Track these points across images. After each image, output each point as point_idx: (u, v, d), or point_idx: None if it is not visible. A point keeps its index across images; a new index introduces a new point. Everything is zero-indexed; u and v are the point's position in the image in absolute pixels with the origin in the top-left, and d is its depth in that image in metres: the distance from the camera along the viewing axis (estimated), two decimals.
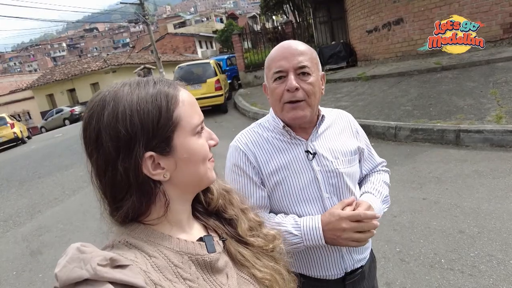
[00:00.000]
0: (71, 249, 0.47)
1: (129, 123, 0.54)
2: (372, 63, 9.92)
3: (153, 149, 0.57)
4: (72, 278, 0.43)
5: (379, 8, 9.21)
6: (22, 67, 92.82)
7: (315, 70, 1.06)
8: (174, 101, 0.60)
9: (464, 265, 2.33)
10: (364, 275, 1.18)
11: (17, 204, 5.80)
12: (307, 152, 1.09)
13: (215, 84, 9.99)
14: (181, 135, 0.60)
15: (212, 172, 0.67)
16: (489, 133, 4.18)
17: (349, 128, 1.22)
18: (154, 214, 0.61)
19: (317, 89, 1.06)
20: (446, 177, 3.62)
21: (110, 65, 24.16)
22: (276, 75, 1.05)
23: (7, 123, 14.17)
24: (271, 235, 0.77)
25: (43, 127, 22.58)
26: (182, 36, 37.45)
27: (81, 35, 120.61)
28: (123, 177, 0.55)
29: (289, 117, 1.06)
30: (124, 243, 0.56)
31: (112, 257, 0.47)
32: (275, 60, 1.06)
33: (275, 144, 1.11)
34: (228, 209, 0.73)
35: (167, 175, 0.59)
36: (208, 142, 0.67)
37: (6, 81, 33.72)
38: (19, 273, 3.49)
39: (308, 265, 1.13)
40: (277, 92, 1.06)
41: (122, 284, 0.45)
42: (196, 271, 0.60)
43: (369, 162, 1.27)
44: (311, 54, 1.06)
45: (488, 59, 6.48)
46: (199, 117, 0.64)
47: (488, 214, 2.84)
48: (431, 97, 5.80)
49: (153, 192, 0.59)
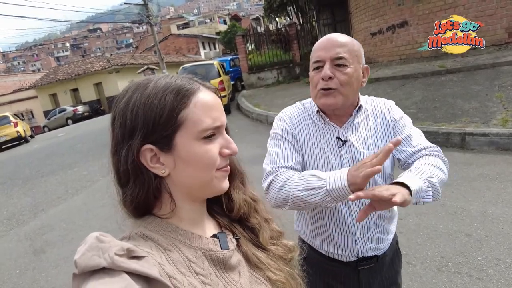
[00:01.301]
0: (90, 238, 0.48)
1: (134, 114, 0.58)
2: (376, 66, 9.90)
3: (153, 143, 0.58)
4: (90, 265, 0.44)
5: (383, 10, 9.20)
6: (25, 67, 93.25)
7: (353, 62, 1.08)
8: (184, 100, 0.59)
9: (471, 268, 2.31)
10: (382, 266, 1.20)
11: (21, 202, 5.81)
12: (338, 138, 1.14)
13: (219, 85, 9.99)
14: (184, 136, 0.59)
15: (221, 182, 0.64)
16: (495, 137, 4.15)
17: (387, 118, 1.17)
18: (165, 208, 0.62)
19: (353, 80, 1.08)
20: (452, 180, 3.59)
21: (114, 65, 24.23)
22: (314, 65, 1.12)
23: (10, 122, 14.23)
24: (290, 245, 0.77)
25: (46, 126, 22.64)
26: (185, 37, 37.53)
27: (85, 35, 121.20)
28: (122, 162, 0.58)
29: (321, 103, 1.12)
30: (140, 235, 0.58)
31: (129, 247, 0.48)
32: (316, 51, 1.12)
33: (311, 124, 1.19)
34: (251, 217, 0.73)
35: (166, 171, 0.59)
36: (223, 151, 0.63)
37: (10, 80, 33.87)
38: (22, 271, 3.48)
39: (323, 241, 1.19)
40: (314, 80, 1.12)
41: (137, 274, 0.46)
42: (209, 267, 0.60)
43: (407, 147, 1.12)
44: (352, 46, 1.09)
45: (493, 62, 6.45)
46: (212, 122, 0.61)
47: (495, 217, 2.82)
48: (436, 100, 5.78)
49: (154, 185, 0.59)
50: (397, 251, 1.29)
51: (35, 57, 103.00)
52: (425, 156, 1.09)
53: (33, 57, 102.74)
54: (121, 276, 0.45)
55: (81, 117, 21.91)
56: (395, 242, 1.27)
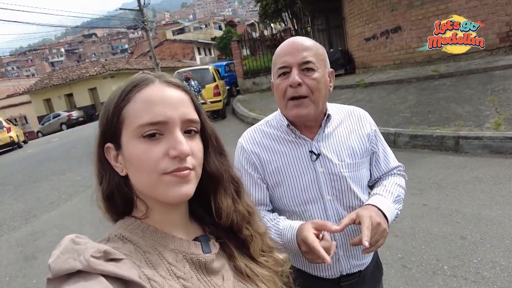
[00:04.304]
0: (65, 240, 0.46)
1: (101, 114, 0.60)
2: (370, 71, 9.98)
3: (111, 141, 0.58)
4: (64, 269, 0.42)
5: (377, 16, 9.30)
6: (20, 72, 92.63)
7: (321, 66, 1.03)
8: (127, 97, 0.57)
9: (467, 271, 2.30)
10: (364, 280, 1.16)
11: (12, 208, 5.71)
12: (311, 152, 1.07)
13: (214, 89, 10.01)
14: (126, 134, 0.56)
15: (169, 189, 0.55)
16: (488, 140, 4.18)
17: (361, 126, 1.14)
18: (140, 209, 0.60)
19: (322, 85, 1.02)
20: (446, 183, 3.60)
21: (109, 70, 24.15)
22: (280, 71, 1.04)
23: (3, 127, 14.05)
24: (281, 259, 0.75)
25: (39, 131, 22.44)
26: (180, 43, 37.61)
27: (80, 40, 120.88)
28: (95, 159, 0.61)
29: (292, 114, 1.04)
30: (119, 237, 0.56)
31: (106, 249, 0.46)
32: (280, 56, 1.04)
33: (279, 143, 1.10)
34: (243, 228, 0.69)
35: (123, 171, 0.58)
36: (169, 152, 0.55)
37: (4, 85, 33.56)
38: (12, 278, 3.41)
39: (304, 262, 1.13)
40: (280, 87, 1.04)
41: (115, 277, 0.44)
42: (190, 270, 0.58)
43: (383, 165, 1.17)
44: (317, 49, 1.03)
45: (485, 67, 6.53)
46: (149, 118, 0.54)
47: (489, 220, 2.82)
48: (430, 104, 5.83)
49: (118, 183, 0.59)
50: (377, 262, 1.25)
51: (29, 62, 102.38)
52: (393, 175, 1.19)
53: (27, 62, 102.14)
54: (98, 280, 0.43)
55: (76, 122, 21.75)
56: (375, 254, 1.24)
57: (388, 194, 1.08)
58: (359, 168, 1.10)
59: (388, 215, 1.00)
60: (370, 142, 1.14)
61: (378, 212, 0.98)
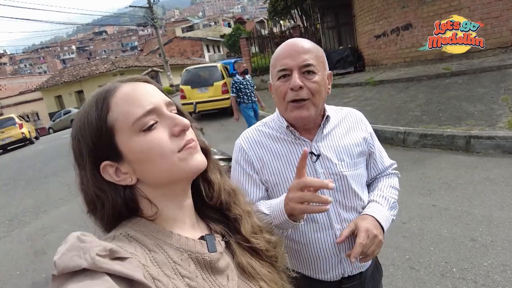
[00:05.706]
0: (71, 237, 0.46)
1: (76, 141, 0.58)
2: (380, 68, 9.85)
3: (106, 158, 0.57)
4: (70, 266, 0.42)
5: (387, 13, 9.16)
6: (32, 69, 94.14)
7: (320, 68, 1.03)
8: (105, 105, 0.57)
9: (477, 274, 2.25)
10: (364, 281, 1.15)
11: (23, 203, 5.82)
12: (311, 153, 1.07)
13: (222, 87, 10.00)
14: (123, 137, 0.57)
15: (190, 160, 0.59)
16: (501, 140, 4.09)
17: (357, 128, 1.17)
18: (147, 212, 0.60)
19: (322, 88, 1.03)
20: (456, 183, 3.54)
21: (118, 68, 24.41)
22: (280, 73, 1.03)
23: (16, 123, 14.35)
24: (273, 240, 0.75)
25: (51, 128, 22.80)
26: (189, 40, 37.79)
27: (91, 37, 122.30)
28: (85, 188, 0.58)
29: (293, 116, 1.03)
30: (125, 236, 0.56)
31: (112, 248, 0.46)
32: (279, 58, 1.03)
33: (278, 144, 1.10)
34: (232, 207, 0.71)
35: (132, 178, 0.58)
36: (173, 130, 0.58)
37: (16, 82, 34.20)
38: (22, 272, 3.47)
39: (305, 266, 1.12)
40: (281, 90, 1.03)
41: (120, 276, 0.44)
42: (196, 270, 0.58)
43: (378, 165, 1.21)
44: (317, 52, 1.04)
45: (499, 65, 6.37)
46: (141, 109, 0.57)
47: (501, 222, 2.76)
48: (440, 103, 5.72)
49: (127, 197, 0.58)
50: (377, 263, 1.24)
51: (41, 59, 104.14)
52: (388, 176, 1.22)
53: (39, 60, 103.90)
54: (103, 278, 0.43)
55: None
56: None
57: (384, 201, 1.12)
58: (358, 167, 1.12)
59: (384, 225, 1.05)
60: (368, 144, 1.17)
61: (375, 224, 1.02)
